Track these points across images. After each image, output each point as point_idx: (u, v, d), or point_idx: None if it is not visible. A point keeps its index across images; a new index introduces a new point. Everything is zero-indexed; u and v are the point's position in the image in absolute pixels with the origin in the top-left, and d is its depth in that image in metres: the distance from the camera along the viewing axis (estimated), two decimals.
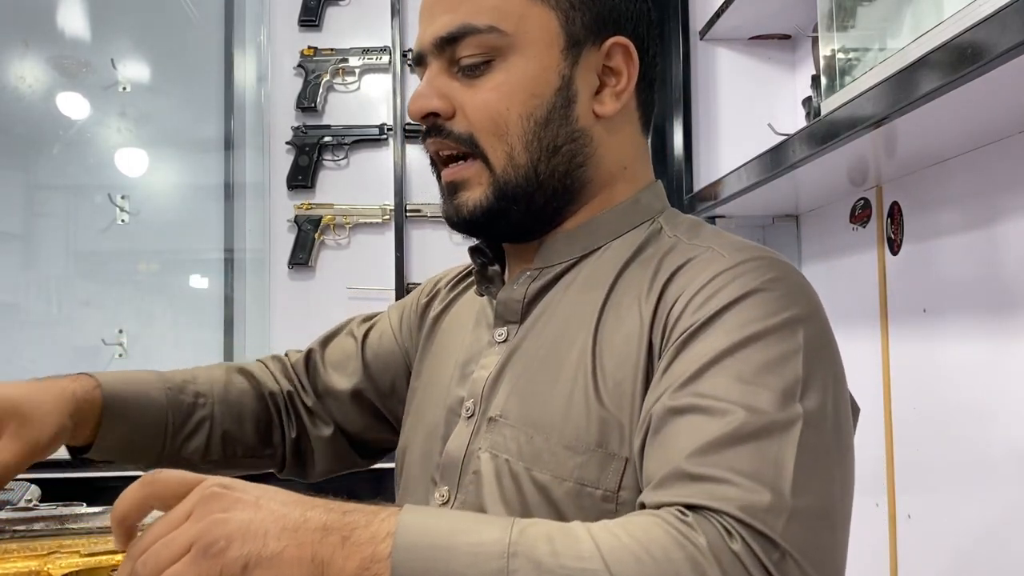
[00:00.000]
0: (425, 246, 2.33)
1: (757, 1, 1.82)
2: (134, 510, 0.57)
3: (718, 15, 1.92)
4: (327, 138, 2.32)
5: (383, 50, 2.34)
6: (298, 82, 2.34)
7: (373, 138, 2.33)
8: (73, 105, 2.41)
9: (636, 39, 0.76)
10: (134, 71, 2.41)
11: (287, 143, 2.33)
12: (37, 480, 1.32)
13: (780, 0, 1.80)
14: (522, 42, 0.72)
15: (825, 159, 1.25)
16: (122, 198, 2.37)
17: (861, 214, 1.54)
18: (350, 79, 2.36)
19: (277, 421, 0.96)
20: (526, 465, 0.68)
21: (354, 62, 2.34)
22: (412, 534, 0.51)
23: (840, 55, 1.33)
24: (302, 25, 2.36)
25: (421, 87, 0.75)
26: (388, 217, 2.31)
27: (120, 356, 2.34)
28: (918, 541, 1.34)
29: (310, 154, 2.31)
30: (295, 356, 1.01)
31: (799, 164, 1.29)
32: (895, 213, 1.42)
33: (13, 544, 0.97)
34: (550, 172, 0.74)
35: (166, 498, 0.55)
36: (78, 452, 0.85)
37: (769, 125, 1.73)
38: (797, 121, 1.84)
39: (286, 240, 2.31)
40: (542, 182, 0.74)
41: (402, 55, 2.32)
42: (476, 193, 0.75)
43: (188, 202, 2.43)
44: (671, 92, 2.03)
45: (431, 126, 0.75)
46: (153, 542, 0.52)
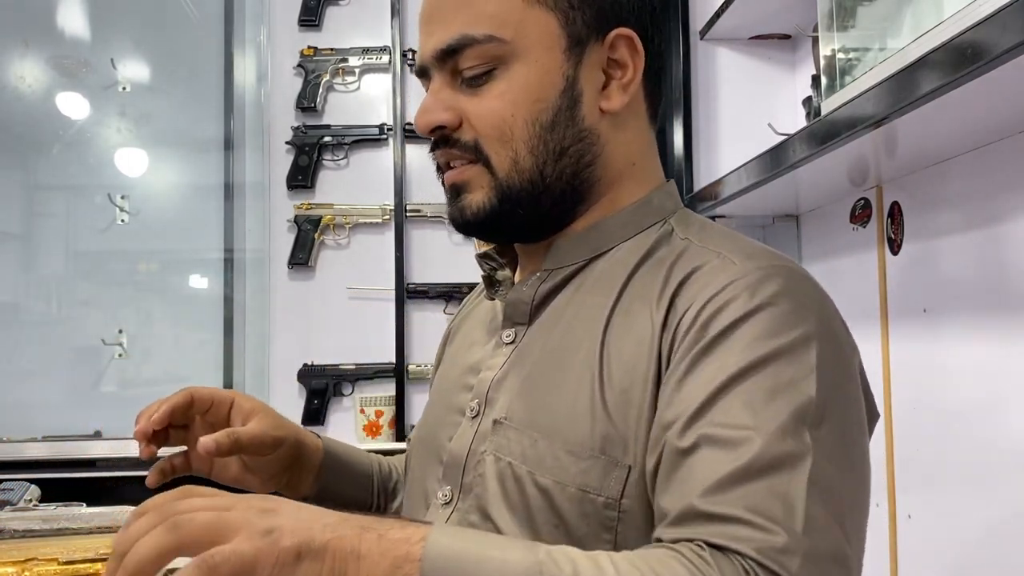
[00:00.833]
0: (425, 246, 2.32)
1: (757, 1, 1.82)
2: (153, 561, 0.52)
3: (718, 15, 1.92)
4: (327, 138, 2.32)
5: (383, 50, 2.34)
6: (298, 82, 2.34)
7: (373, 138, 2.33)
8: (73, 105, 2.41)
9: (640, 29, 0.75)
10: (134, 71, 2.42)
11: (287, 143, 2.33)
12: (37, 480, 1.32)
13: (780, 0, 1.80)
14: (523, 48, 0.71)
15: (825, 159, 1.25)
16: (122, 198, 2.37)
17: (861, 214, 1.54)
18: (350, 79, 2.36)
19: None
20: (529, 469, 0.67)
21: (354, 62, 2.34)
22: (442, 543, 0.54)
23: (840, 55, 1.33)
24: (302, 25, 2.36)
25: (426, 101, 0.75)
26: (388, 217, 2.31)
27: (120, 356, 2.34)
28: (918, 541, 1.34)
29: (310, 154, 2.31)
30: None
31: (799, 164, 1.29)
32: (895, 213, 1.42)
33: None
34: (557, 175, 0.73)
35: (196, 549, 0.51)
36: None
37: (769, 125, 1.73)
38: (797, 121, 1.84)
39: (286, 240, 2.31)
40: (549, 185, 0.73)
41: (402, 55, 2.32)
42: (479, 196, 0.74)
43: (188, 202, 2.43)
44: (671, 92, 2.03)
45: (439, 138, 0.75)
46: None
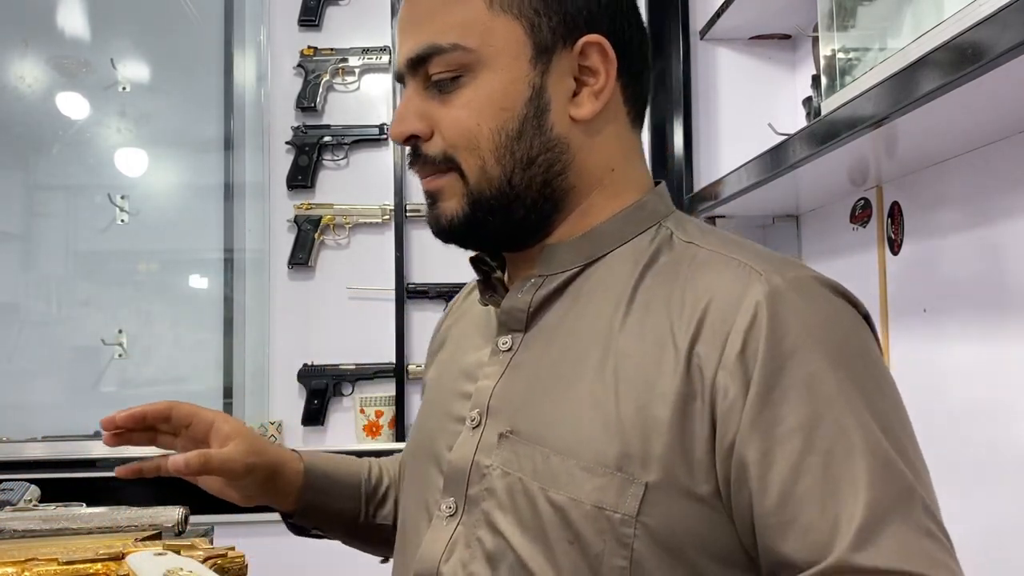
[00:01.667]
0: (425, 246, 2.32)
1: (757, 1, 1.82)
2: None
3: (718, 15, 1.92)
4: (327, 138, 2.32)
5: (383, 50, 2.34)
6: (298, 82, 2.34)
7: (373, 138, 2.33)
8: (73, 105, 2.41)
9: (612, 34, 0.74)
10: (134, 71, 2.41)
11: (287, 143, 2.33)
12: (37, 480, 1.32)
13: (780, 0, 1.80)
14: (488, 56, 0.71)
15: (825, 159, 1.25)
16: (122, 198, 2.37)
17: (861, 214, 1.54)
18: (350, 79, 2.36)
19: None
20: (541, 485, 0.66)
21: (354, 62, 2.34)
22: None
23: (840, 55, 1.33)
24: (302, 25, 2.36)
25: (400, 110, 0.75)
26: (388, 217, 2.31)
27: (120, 356, 2.34)
28: None
29: (310, 154, 2.31)
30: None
31: (799, 164, 1.29)
32: (895, 213, 1.42)
33: None
34: (526, 184, 0.73)
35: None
36: (286, 517, 0.94)
37: (769, 125, 1.73)
38: (797, 121, 1.84)
39: (286, 240, 2.31)
40: (519, 194, 0.73)
41: None
42: (452, 204, 0.75)
43: (188, 202, 2.43)
44: (671, 92, 2.03)
45: (412, 150, 0.76)
46: None
